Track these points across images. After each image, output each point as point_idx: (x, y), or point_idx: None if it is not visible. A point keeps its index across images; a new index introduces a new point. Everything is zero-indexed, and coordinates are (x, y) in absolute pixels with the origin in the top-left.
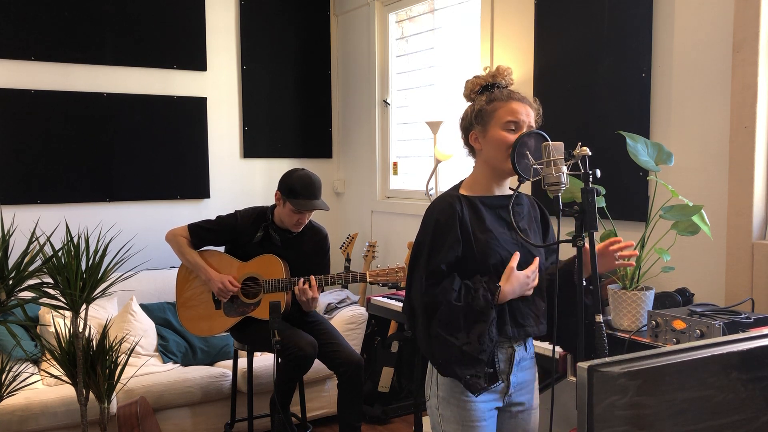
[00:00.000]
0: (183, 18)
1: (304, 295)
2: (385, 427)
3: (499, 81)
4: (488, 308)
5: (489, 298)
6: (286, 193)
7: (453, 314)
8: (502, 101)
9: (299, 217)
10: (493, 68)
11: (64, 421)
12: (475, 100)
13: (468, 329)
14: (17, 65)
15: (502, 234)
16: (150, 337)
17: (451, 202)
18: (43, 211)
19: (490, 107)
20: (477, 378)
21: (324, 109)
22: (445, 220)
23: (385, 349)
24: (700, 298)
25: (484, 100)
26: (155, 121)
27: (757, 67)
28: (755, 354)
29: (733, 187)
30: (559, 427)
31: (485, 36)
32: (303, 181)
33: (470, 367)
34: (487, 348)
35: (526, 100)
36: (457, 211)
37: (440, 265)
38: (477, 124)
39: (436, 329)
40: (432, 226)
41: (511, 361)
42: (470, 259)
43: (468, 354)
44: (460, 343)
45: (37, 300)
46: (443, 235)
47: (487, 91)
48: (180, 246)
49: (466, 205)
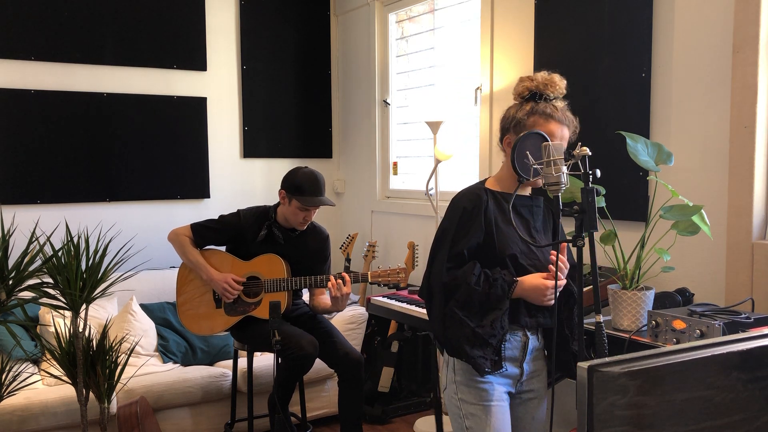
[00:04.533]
0: (183, 18)
1: (340, 291)
2: (385, 427)
3: (549, 93)
4: (504, 298)
5: (506, 289)
6: (292, 191)
7: (471, 297)
8: (541, 118)
9: (305, 215)
10: (548, 75)
11: (64, 421)
12: (520, 105)
13: (482, 314)
14: (17, 65)
15: (522, 231)
16: (150, 337)
17: (479, 193)
18: (43, 211)
19: (529, 121)
20: (484, 359)
21: (324, 109)
22: (472, 208)
23: (385, 349)
24: (700, 298)
25: (527, 111)
26: (155, 121)
27: (757, 67)
28: (755, 354)
29: (733, 187)
30: (559, 427)
31: (485, 36)
32: (308, 178)
33: (479, 348)
34: (498, 333)
35: (566, 120)
36: (484, 201)
37: (463, 249)
38: (513, 132)
39: (453, 308)
40: (459, 213)
41: (525, 349)
42: (489, 248)
43: (480, 336)
44: (474, 325)
45: (37, 300)
46: (469, 221)
47: (533, 100)
48: (182, 245)
49: (492, 198)
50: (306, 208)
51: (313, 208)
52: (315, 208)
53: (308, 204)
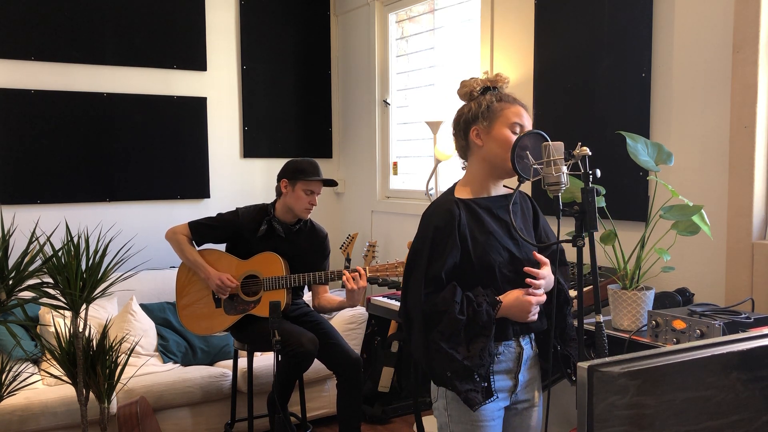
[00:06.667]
0: (183, 18)
1: (357, 284)
2: (385, 427)
3: (500, 86)
4: (490, 323)
5: (491, 313)
6: (295, 176)
7: (455, 327)
8: (509, 103)
9: (310, 198)
10: (492, 74)
11: (64, 421)
12: (480, 98)
13: (469, 343)
14: (17, 65)
15: (501, 237)
16: (150, 337)
17: (449, 207)
18: (43, 211)
19: (499, 105)
20: (475, 393)
21: (324, 109)
22: (444, 225)
23: (385, 349)
24: (700, 298)
25: (493, 99)
26: (155, 121)
27: (757, 67)
28: (755, 354)
29: (733, 187)
30: (559, 427)
31: (485, 36)
32: (308, 162)
33: (470, 381)
34: (486, 363)
35: (526, 107)
36: (456, 216)
37: (440, 272)
38: (483, 119)
39: (438, 342)
40: (431, 232)
41: (520, 360)
42: (468, 264)
43: (469, 369)
44: (461, 357)
45: (37, 300)
46: (442, 240)
47: (490, 91)
48: (180, 244)
49: (464, 209)
50: (311, 189)
51: (318, 187)
52: (320, 187)
53: (314, 179)
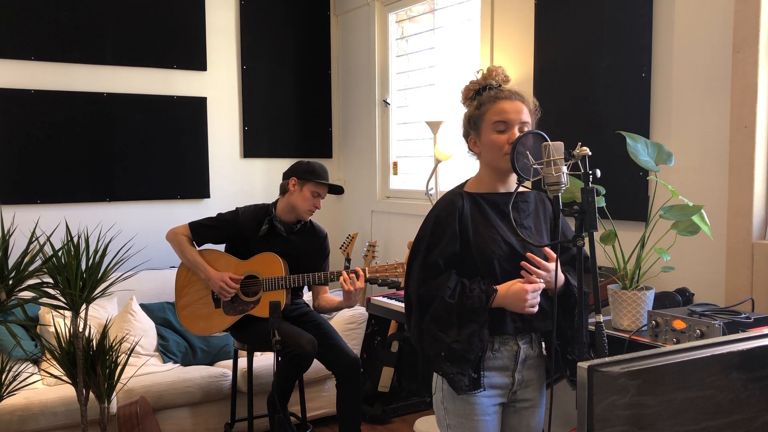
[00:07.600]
0: (183, 18)
1: (354, 285)
2: (385, 427)
3: (491, 82)
4: (482, 310)
5: (483, 300)
6: (306, 176)
7: (446, 311)
8: (489, 103)
9: (315, 202)
10: (485, 70)
11: (64, 421)
12: (470, 105)
13: (459, 327)
14: (17, 65)
15: (504, 231)
16: (150, 337)
17: (453, 198)
18: (43, 211)
19: (480, 111)
20: (462, 376)
21: (324, 109)
22: (445, 215)
23: (385, 349)
24: (700, 298)
25: (474, 106)
26: (155, 121)
27: (757, 67)
28: (755, 354)
29: (733, 187)
30: (559, 427)
31: (485, 36)
32: (319, 165)
33: (457, 364)
34: (475, 348)
35: (516, 96)
36: (458, 207)
37: (438, 259)
38: (472, 129)
39: (429, 324)
40: (432, 221)
41: (516, 359)
42: (467, 255)
43: (456, 351)
44: (450, 340)
45: (37, 300)
46: (442, 229)
47: (478, 95)
48: (180, 244)
49: (470, 201)
50: (319, 192)
51: (325, 192)
52: (326, 192)
53: (324, 183)
